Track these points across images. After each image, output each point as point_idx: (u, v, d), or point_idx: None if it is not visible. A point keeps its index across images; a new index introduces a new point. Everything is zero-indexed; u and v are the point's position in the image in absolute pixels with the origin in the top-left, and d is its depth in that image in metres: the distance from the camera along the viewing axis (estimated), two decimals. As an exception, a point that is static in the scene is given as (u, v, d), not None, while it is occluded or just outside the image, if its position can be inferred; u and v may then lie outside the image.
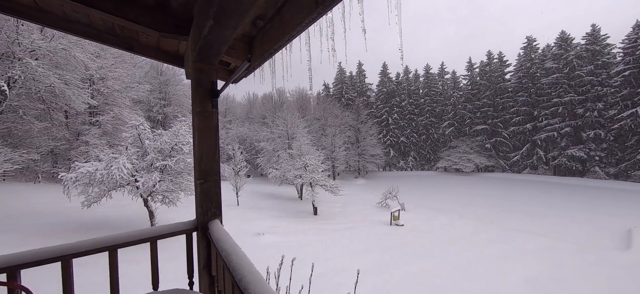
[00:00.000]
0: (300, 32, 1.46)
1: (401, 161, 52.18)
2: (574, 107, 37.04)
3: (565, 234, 14.62)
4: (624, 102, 33.32)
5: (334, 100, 49.97)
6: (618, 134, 33.76)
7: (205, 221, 1.81)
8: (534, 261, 10.52)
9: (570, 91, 37.18)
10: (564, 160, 36.78)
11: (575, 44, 38.42)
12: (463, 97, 49.71)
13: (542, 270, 9.62)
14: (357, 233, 13.48)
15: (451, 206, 22.53)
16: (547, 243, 12.84)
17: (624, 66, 33.66)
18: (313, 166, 18.58)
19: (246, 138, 40.32)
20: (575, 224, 16.52)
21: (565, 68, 37.84)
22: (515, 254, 11.24)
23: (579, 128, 36.72)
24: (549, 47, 41.57)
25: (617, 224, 16.17)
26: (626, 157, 32.73)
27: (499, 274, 9.21)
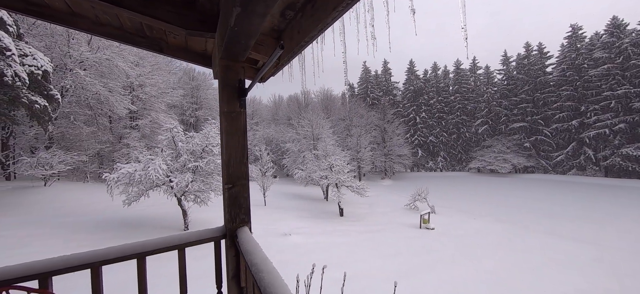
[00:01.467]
0: (336, 19, 1.30)
1: (430, 162, 50.15)
2: (630, 101, 33.16)
3: (622, 243, 13.01)
4: (693, 94, 29.22)
5: (359, 100, 49.32)
6: (686, 130, 29.67)
7: (233, 229, 1.70)
8: (585, 271, 9.43)
9: (625, 83, 33.34)
10: (617, 160, 33.04)
11: (630, 30, 34.40)
12: (498, 93, 46.66)
13: (598, 282, 8.58)
14: (385, 236, 13.05)
15: (486, 209, 21.14)
16: (600, 253, 11.50)
17: (693, 52, 29.48)
18: (339, 166, 18.36)
19: (272, 139, 41.07)
20: (634, 232, 14.67)
21: (618, 58, 34.01)
22: (565, 262, 10.18)
23: (636, 124, 32.79)
24: (598, 35, 37.66)
25: (688, 233, 14.12)
26: (697, 156, 28.65)
27: (541, 284, 8.36)
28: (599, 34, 37.57)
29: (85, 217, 12.36)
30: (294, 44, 1.63)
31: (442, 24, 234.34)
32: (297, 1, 1.50)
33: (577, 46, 38.93)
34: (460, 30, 1.00)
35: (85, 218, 12.18)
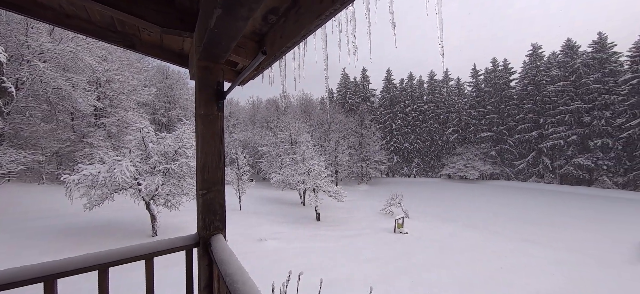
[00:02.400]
0: (319, 26, 1.30)
1: (405, 167, 51.75)
2: (581, 115, 36.56)
3: (576, 245, 14.21)
4: (632, 111, 32.80)
5: (337, 105, 49.91)
6: (626, 143, 33.19)
7: (207, 236, 1.63)
8: (545, 274, 10.17)
9: (577, 99, 36.74)
10: (570, 169, 36.18)
11: (582, 51, 38.08)
12: (468, 104, 49.39)
13: (555, 284, 9.27)
14: (360, 241, 13.21)
15: (456, 214, 22.13)
16: (558, 255, 12.47)
17: (631, 74, 33.22)
18: (316, 171, 18.38)
19: (249, 142, 40.28)
20: (585, 235, 16.09)
21: (571, 76, 37.45)
22: (528, 266, 10.89)
23: (586, 136, 36.18)
24: (554, 54, 41.25)
25: (629, 235, 15.71)
26: (635, 166, 32.10)
27: (508, 287, 8.89)
28: (555, 54, 41.14)
29: (39, 222, 11.30)
30: (276, 48, 1.61)
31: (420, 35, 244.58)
32: (281, 6, 1.49)
33: (537, 64, 42.35)
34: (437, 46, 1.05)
35: (39, 223, 11.13)
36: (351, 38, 1.36)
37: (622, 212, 22.08)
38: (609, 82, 35.22)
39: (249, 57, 1.90)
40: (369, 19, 1.21)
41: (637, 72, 32.84)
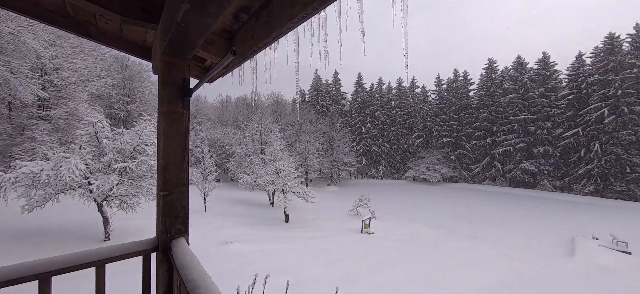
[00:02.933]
0: (291, 29, 1.31)
1: (373, 170, 53.35)
2: (527, 125, 40.61)
3: (520, 242, 15.74)
4: (568, 123, 37.19)
5: (309, 107, 50.03)
6: (563, 150, 37.52)
7: (167, 240, 1.54)
8: (494, 268, 11.11)
9: (524, 110, 40.75)
10: (518, 173, 39.99)
11: (529, 68, 42.36)
12: (431, 111, 52.35)
13: (501, 277, 10.16)
14: (328, 242, 13.35)
15: (419, 214, 23.33)
16: (505, 250, 13.68)
17: (568, 91, 37.70)
18: (286, 172, 18.23)
19: (217, 141, 38.78)
20: (527, 232, 17.89)
21: (520, 89, 41.46)
22: (479, 261, 11.80)
23: (531, 144, 40.26)
24: (507, 69, 45.34)
25: (563, 232, 17.76)
26: (569, 171, 36.42)
27: (463, 281, 9.57)
28: (507, 69, 45.26)
29: (-38, 226, 9.82)
30: (247, 48, 1.59)
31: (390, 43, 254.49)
32: (252, 5, 1.47)
33: (492, 77, 46.25)
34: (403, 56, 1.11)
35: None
36: (323, 43, 1.38)
37: (558, 212, 24.90)
38: (551, 96, 39.60)
39: (218, 54, 1.84)
40: (340, 26, 1.25)
41: (572, 89, 37.33)
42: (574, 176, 35.50)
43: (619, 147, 31.43)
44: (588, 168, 33.56)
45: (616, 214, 24.59)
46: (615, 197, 31.71)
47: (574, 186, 35.80)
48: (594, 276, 10.84)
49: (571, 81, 38.20)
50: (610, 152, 32.12)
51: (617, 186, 31.81)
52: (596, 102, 33.62)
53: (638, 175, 30.47)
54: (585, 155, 34.13)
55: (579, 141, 35.17)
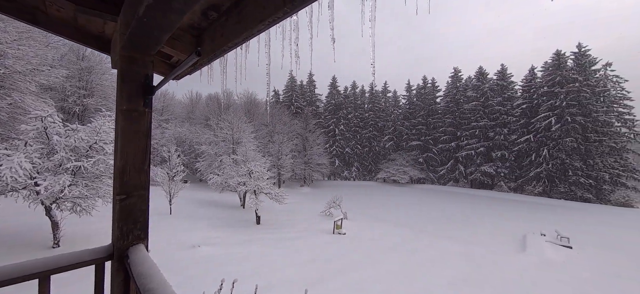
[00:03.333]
0: (262, 31, 1.29)
1: (345, 171, 54.19)
2: (487, 131, 43.77)
3: (479, 239, 16.90)
4: (521, 130, 40.69)
5: (283, 107, 49.59)
6: (517, 155, 40.96)
7: (124, 247, 1.43)
8: (457, 264, 11.81)
9: (485, 117, 43.90)
10: (478, 175, 42.94)
11: (490, 78, 45.74)
12: (402, 115, 54.46)
13: (463, 272, 10.83)
14: (300, 243, 13.32)
15: (389, 214, 24.11)
16: (466, 247, 14.60)
17: (522, 100, 41.29)
18: (258, 172, 17.89)
19: (185, 140, 37.01)
20: (485, 230, 19.28)
21: (481, 98, 44.60)
22: (442, 258, 12.47)
23: (490, 149, 43.44)
24: (470, 78, 48.53)
25: (516, 230, 19.36)
26: (522, 174, 39.85)
27: (428, 278, 10.06)
28: (470, 78, 48.44)
29: None
30: (216, 47, 1.54)
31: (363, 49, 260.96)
32: (223, 4, 1.43)
33: (457, 85, 49.25)
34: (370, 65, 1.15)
35: None
36: (294, 46, 1.38)
37: (512, 211, 27.12)
38: (507, 105, 43.08)
39: (185, 51, 1.77)
40: (312, 31, 1.26)
41: (525, 99, 40.95)
42: (526, 178, 38.89)
43: (563, 153, 35.00)
44: (538, 171, 36.95)
45: (561, 212, 27.34)
46: (559, 198, 35.23)
47: (525, 187, 39.21)
48: (543, 269, 11.95)
49: (524, 91, 41.89)
50: (556, 157, 35.65)
51: (561, 188, 35.38)
52: (545, 111, 37.15)
53: (578, 178, 34.16)
54: (536, 159, 37.54)
55: (531, 147, 38.61)
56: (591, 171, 34.01)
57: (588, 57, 36.29)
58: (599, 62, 36.34)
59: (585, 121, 34.31)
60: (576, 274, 11.57)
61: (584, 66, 36.12)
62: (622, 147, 34.86)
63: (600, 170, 33.83)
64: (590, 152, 34.31)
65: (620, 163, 34.34)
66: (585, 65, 36.13)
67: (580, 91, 34.66)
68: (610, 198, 33.45)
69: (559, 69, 36.84)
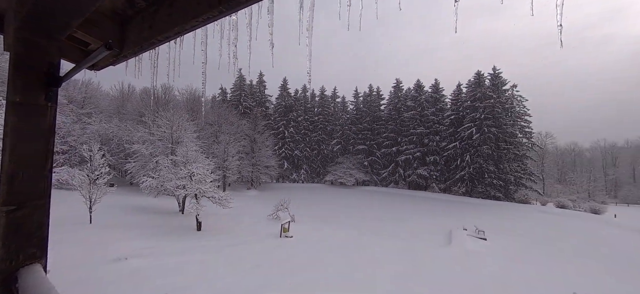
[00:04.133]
0: (195, 27, 1.21)
1: (294, 173, 54.19)
2: (423, 138, 48.53)
3: (416, 235, 18.59)
4: (450, 138, 46.17)
5: (230, 106, 47.35)
6: (447, 159, 46.30)
7: (11, 269, 1.16)
8: (397, 259, 12.74)
9: (421, 125, 48.62)
10: (415, 177, 47.27)
11: (426, 90, 50.89)
12: (349, 120, 56.90)
13: (403, 266, 11.73)
14: (245, 249, 12.82)
15: (336, 216, 24.88)
16: (406, 243, 15.89)
17: (451, 112, 46.92)
18: (201, 175, 16.66)
19: (113, 138, 32.54)
20: (421, 227, 21.33)
21: (418, 107, 49.32)
22: (386, 255, 13.31)
23: (425, 154, 48.25)
24: (409, 89, 53.28)
25: (445, 226, 21.81)
26: (450, 176, 45.17)
27: (373, 274, 10.61)
28: (410, 89, 53.18)
29: None
30: (142, 39, 1.39)
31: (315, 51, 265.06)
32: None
33: (398, 95, 53.57)
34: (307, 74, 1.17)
35: None
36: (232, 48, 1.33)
37: (442, 210, 30.52)
38: (439, 115, 48.46)
39: (104, 39, 1.55)
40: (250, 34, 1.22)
41: (453, 111, 46.63)
42: (453, 180, 44.21)
43: (481, 159, 40.77)
44: (462, 174, 42.32)
45: (479, 209, 31.75)
46: (478, 197, 40.89)
47: (452, 188, 44.55)
48: (465, 259, 13.66)
49: (453, 104, 47.70)
50: (476, 162, 41.33)
51: (479, 188, 41.12)
52: (468, 122, 42.83)
53: (492, 180, 40.16)
54: (460, 164, 42.95)
55: (457, 153, 44.05)
56: (501, 174, 40.32)
57: (500, 78, 43.12)
58: (508, 83, 43.55)
59: (498, 132, 40.59)
60: (490, 262, 13.53)
61: (497, 86, 42.78)
62: (523, 154, 42.31)
63: (508, 173, 40.36)
64: (500, 159, 40.66)
65: (522, 168, 41.57)
66: (498, 85, 42.83)
67: (495, 106, 40.93)
68: (514, 196, 40.12)
69: (479, 86, 42.92)
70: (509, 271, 12.34)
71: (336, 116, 59.21)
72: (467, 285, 10.06)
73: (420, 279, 10.59)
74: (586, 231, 23.53)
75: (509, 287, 10.28)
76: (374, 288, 9.45)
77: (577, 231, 23.62)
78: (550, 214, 31.48)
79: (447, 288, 9.70)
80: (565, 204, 37.71)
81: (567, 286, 10.20)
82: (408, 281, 10.19)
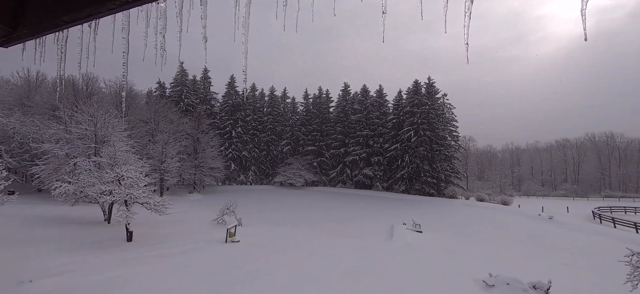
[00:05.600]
0: (112, 11, 1.07)
1: (242, 175, 52.15)
2: (368, 140, 51.39)
3: (363, 231, 19.55)
4: (392, 140, 49.81)
5: (170, 103, 43.31)
6: (389, 160, 49.82)
7: None
8: (348, 255, 13.16)
9: (367, 128, 51.42)
10: (361, 177, 49.76)
11: (371, 95, 54.01)
12: (299, 121, 57.09)
13: (354, 262, 12.14)
14: (186, 258, 11.84)
15: (286, 217, 24.71)
16: (354, 241, 16.54)
17: (393, 116, 50.66)
18: (132, 179, 14.81)
19: (15, 134, 26.89)
20: (368, 224, 22.55)
21: (364, 111, 52.08)
22: (336, 253, 13.63)
23: (370, 154, 51.16)
24: (356, 93, 55.91)
25: (388, 222, 23.42)
26: (392, 176, 48.74)
27: (327, 272, 10.74)
28: (357, 93, 55.82)
29: None
30: (46, 18, 1.18)
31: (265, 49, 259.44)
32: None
33: (346, 98, 55.77)
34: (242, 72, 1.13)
35: None
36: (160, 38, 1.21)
37: (385, 207, 32.74)
38: (383, 118, 51.89)
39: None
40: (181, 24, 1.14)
41: (395, 115, 50.44)
42: (394, 179, 47.79)
43: (418, 159, 44.91)
44: (402, 173, 46.02)
45: (416, 205, 34.91)
46: (415, 194, 44.94)
47: (394, 186, 48.14)
48: (406, 251, 14.84)
49: (395, 109, 51.58)
50: (413, 162, 45.36)
51: (417, 186, 45.24)
52: (407, 126, 46.79)
53: (427, 178, 44.57)
54: (401, 164, 46.67)
55: (398, 154, 47.75)
56: (434, 173, 45.02)
57: (434, 87, 48.17)
58: (440, 92, 48.93)
59: (432, 135, 45.23)
60: (426, 252, 14.97)
61: (431, 94, 47.69)
62: (452, 155, 47.94)
63: (439, 172, 45.26)
64: (434, 159, 45.38)
65: (450, 167, 47.06)
66: (432, 93, 47.78)
67: (429, 112, 45.54)
68: (444, 193, 45.16)
69: (417, 94, 47.26)
70: (441, 258, 13.82)
71: (286, 116, 58.84)
72: (408, 274, 10.95)
73: (371, 271, 11.13)
74: (499, 220, 27.77)
75: (442, 272, 11.52)
76: (329, 286, 9.57)
77: (492, 220, 27.72)
78: (472, 207, 36.30)
79: (393, 278, 10.41)
80: (483, 198, 44.04)
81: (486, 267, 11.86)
82: (361, 275, 10.61)
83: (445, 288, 9.89)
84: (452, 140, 49.65)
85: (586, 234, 22.82)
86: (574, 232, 23.62)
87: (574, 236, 22.22)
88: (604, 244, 19.57)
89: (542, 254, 16.97)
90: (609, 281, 11.26)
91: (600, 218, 30.33)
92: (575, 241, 20.66)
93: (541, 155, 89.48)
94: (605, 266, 14.03)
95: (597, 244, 19.54)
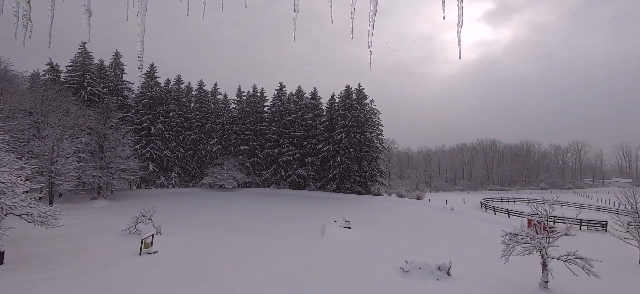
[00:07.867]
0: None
1: (163, 177, 46.52)
2: (302, 140, 52.18)
3: (298, 231, 19.69)
4: (325, 141, 51.76)
5: (66, 90, 35.57)
6: (322, 160, 51.61)
7: None
8: (285, 256, 13.01)
9: (301, 129, 52.14)
10: (295, 177, 50.16)
11: (306, 97, 54.97)
12: (231, 119, 54.07)
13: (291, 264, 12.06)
14: (83, 280, 9.87)
15: (217, 221, 23.09)
16: (289, 241, 16.48)
17: (326, 118, 52.69)
18: (5, 184, 11.56)
19: None
20: (303, 223, 22.81)
21: (299, 112, 52.69)
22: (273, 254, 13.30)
23: (304, 155, 52.05)
24: (291, 94, 56.13)
25: (320, 220, 24.19)
26: (325, 176, 50.63)
27: (266, 275, 10.36)
28: (292, 94, 56.05)
29: None
30: None
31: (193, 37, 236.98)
32: None
33: (281, 98, 55.44)
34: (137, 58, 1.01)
35: None
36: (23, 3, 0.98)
37: (318, 206, 33.74)
38: (317, 120, 53.43)
39: None
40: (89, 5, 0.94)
41: (328, 118, 52.56)
42: (327, 178, 49.76)
43: (348, 160, 47.80)
44: (334, 173, 48.26)
45: (346, 203, 37.04)
46: (346, 192, 47.70)
47: (326, 186, 50.10)
48: (336, 246, 15.55)
49: (328, 111, 53.72)
50: (344, 163, 48.08)
51: (347, 185, 48.06)
52: (339, 128, 49.32)
53: (356, 177, 47.82)
54: (333, 164, 48.88)
55: (330, 154, 49.87)
56: (362, 172, 48.62)
57: (363, 93, 52.03)
58: (368, 98, 53.12)
59: (361, 137, 48.74)
60: (355, 246, 15.98)
61: (361, 99, 51.38)
62: (377, 156, 52.60)
63: (367, 172, 49.12)
64: (362, 159, 48.99)
65: (376, 167, 51.58)
66: (361, 98, 51.51)
67: (359, 116, 48.97)
68: (371, 190, 49.21)
69: (348, 98, 50.26)
70: (367, 251, 14.98)
71: (217, 114, 54.93)
72: (339, 269, 11.50)
73: (310, 269, 11.25)
74: (414, 213, 31.72)
75: (368, 263, 12.48)
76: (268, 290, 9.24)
77: (409, 213, 31.50)
78: (394, 202, 40.50)
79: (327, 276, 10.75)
80: (403, 194, 49.72)
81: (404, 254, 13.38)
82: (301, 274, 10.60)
83: (371, 277, 10.78)
84: (378, 142, 54.44)
85: (476, 221, 28.05)
86: (468, 219, 28.76)
87: (467, 222, 27.03)
88: (488, 228, 24.40)
89: (446, 239, 20.08)
90: (493, 256, 14.04)
91: (486, 207, 37.74)
92: (468, 226, 25.17)
93: (446, 156, 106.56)
94: (489, 246, 17.48)
95: (484, 229, 24.22)
